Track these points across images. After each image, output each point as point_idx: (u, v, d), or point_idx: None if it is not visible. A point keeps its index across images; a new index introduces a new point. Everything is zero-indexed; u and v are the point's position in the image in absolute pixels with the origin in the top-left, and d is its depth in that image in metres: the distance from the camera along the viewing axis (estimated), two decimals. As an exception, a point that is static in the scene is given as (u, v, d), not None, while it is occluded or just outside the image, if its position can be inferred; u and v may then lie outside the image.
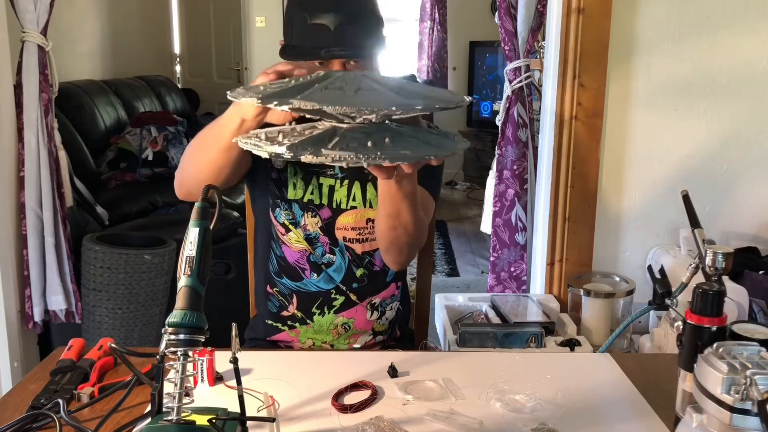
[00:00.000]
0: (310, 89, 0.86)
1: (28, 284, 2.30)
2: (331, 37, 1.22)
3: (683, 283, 1.11)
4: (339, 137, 0.84)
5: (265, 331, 1.44)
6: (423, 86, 0.99)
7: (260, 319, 1.45)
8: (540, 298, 2.04)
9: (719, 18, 1.94)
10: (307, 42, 1.25)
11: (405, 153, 0.82)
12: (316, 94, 0.84)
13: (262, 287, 1.45)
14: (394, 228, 1.26)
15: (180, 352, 0.78)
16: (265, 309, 1.43)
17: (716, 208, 2.01)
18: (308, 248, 1.38)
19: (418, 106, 0.84)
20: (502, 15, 2.24)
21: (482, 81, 6.33)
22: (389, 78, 0.96)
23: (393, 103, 0.82)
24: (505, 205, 2.33)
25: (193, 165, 1.26)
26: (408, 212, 1.23)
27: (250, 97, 0.85)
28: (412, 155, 0.83)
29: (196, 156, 1.24)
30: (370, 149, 0.82)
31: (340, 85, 0.87)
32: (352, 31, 1.23)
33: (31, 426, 0.96)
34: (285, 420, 0.98)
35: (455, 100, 0.93)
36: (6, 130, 2.22)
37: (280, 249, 1.40)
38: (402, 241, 1.30)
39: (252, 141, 0.87)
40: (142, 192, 3.54)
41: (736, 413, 0.74)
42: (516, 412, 1.02)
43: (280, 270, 1.41)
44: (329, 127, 0.88)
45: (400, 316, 1.48)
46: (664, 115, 2.00)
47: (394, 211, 1.23)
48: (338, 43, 1.22)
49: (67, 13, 3.93)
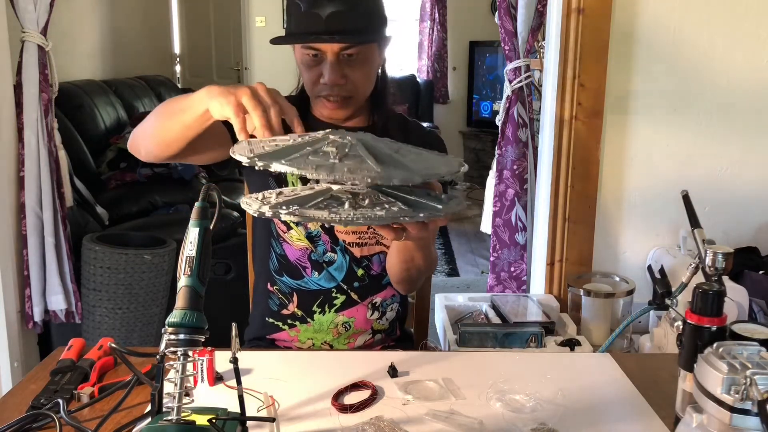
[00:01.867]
0: (299, 152, 0.90)
1: (28, 284, 2.30)
2: (322, 24, 1.24)
3: (683, 283, 1.11)
4: (322, 198, 0.89)
5: (265, 329, 1.44)
6: (418, 152, 0.99)
7: (260, 317, 1.45)
8: (540, 298, 2.04)
9: (719, 18, 1.94)
10: (299, 28, 1.28)
11: (379, 214, 0.85)
12: (299, 159, 0.88)
13: (262, 285, 1.44)
14: (407, 270, 1.31)
15: (180, 352, 0.78)
16: (266, 307, 1.43)
17: (716, 208, 2.01)
18: (309, 246, 1.38)
19: (396, 179, 0.86)
20: (502, 15, 2.24)
21: (482, 81, 6.34)
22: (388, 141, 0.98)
23: (371, 175, 0.86)
24: (505, 205, 2.33)
25: (148, 126, 1.24)
26: (421, 257, 1.27)
27: (242, 156, 0.90)
28: (386, 216, 0.85)
29: (155, 121, 1.22)
30: (345, 210, 0.85)
31: (328, 150, 0.90)
32: (343, 21, 1.24)
33: (31, 426, 0.96)
34: (285, 420, 0.98)
35: (449, 171, 0.94)
36: (6, 130, 2.22)
37: (280, 247, 1.40)
38: (414, 277, 1.35)
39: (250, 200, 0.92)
40: (142, 192, 3.53)
41: (736, 413, 0.74)
42: (516, 412, 1.02)
43: (280, 268, 1.40)
44: (324, 188, 0.93)
45: (399, 315, 1.48)
46: (663, 115, 2.00)
47: (408, 257, 1.27)
48: (329, 31, 1.24)
49: (67, 13, 3.93)
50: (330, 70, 1.27)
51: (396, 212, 0.86)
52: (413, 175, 0.89)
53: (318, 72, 1.29)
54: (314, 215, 0.84)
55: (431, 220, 0.91)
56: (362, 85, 1.33)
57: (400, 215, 0.86)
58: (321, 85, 1.30)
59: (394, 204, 0.88)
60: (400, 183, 0.87)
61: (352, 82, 1.31)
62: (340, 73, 1.28)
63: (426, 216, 0.88)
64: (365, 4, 1.29)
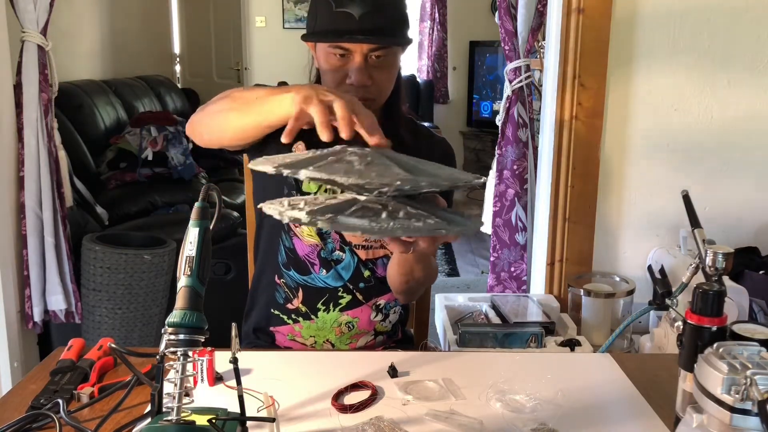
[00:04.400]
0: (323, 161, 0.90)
1: (28, 284, 2.30)
2: (355, 23, 1.23)
3: (683, 283, 1.11)
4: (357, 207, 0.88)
5: (268, 321, 1.43)
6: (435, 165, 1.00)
7: (265, 308, 1.44)
8: (540, 298, 2.04)
9: (719, 18, 1.94)
10: (331, 26, 1.26)
11: (417, 225, 0.86)
12: (327, 166, 0.88)
13: (268, 277, 1.44)
14: (406, 282, 1.32)
15: (180, 352, 0.78)
16: (272, 298, 1.43)
17: (716, 208, 2.01)
18: (320, 243, 1.38)
19: (423, 182, 0.87)
20: (502, 15, 2.24)
21: (482, 81, 6.33)
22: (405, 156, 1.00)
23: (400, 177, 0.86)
24: (505, 205, 2.33)
25: (222, 119, 1.21)
26: (421, 269, 1.28)
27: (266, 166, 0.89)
28: (424, 228, 0.86)
29: (231, 115, 1.19)
30: (384, 220, 0.85)
31: (351, 159, 0.91)
32: (376, 21, 1.23)
33: (31, 426, 0.96)
34: (285, 420, 0.98)
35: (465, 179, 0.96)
36: (6, 130, 2.22)
37: (290, 241, 1.39)
38: (413, 289, 1.37)
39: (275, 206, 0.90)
40: (141, 192, 3.53)
41: (736, 413, 0.74)
42: (516, 412, 1.02)
43: (288, 262, 1.40)
44: (349, 198, 0.92)
45: (401, 318, 1.49)
46: (663, 114, 2.00)
47: (408, 270, 1.28)
48: (362, 31, 1.23)
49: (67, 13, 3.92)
50: (357, 71, 1.26)
51: (433, 225, 0.86)
52: (439, 181, 0.90)
53: (344, 73, 1.28)
54: (354, 224, 0.84)
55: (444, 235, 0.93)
56: (386, 88, 1.32)
57: (437, 228, 0.86)
58: (346, 86, 1.28)
59: (429, 217, 0.88)
60: (428, 187, 0.88)
61: (377, 85, 1.29)
62: (367, 74, 1.26)
63: (459, 231, 0.89)
64: (394, 6, 1.28)
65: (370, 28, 1.23)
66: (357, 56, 1.25)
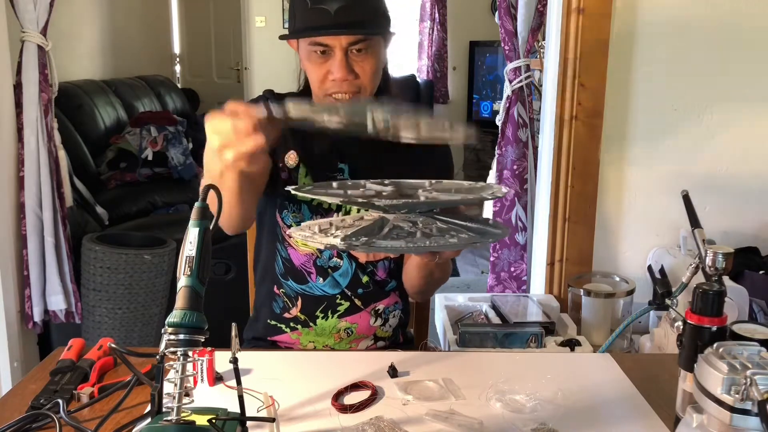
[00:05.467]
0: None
1: (28, 284, 2.30)
2: (330, 18, 1.24)
3: (683, 283, 1.11)
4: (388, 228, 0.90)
5: (267, 331, 1.43)
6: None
7: (263, 319, 1.45)
8: (540, 298, 2.04)
9: (719, 17, 1.94)
10: (308, 23, 1.27)
11: (452, 242, 0.88)
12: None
13: (267, 287, 1.44)
14: (426, 284, 1.37)
15: (180, 352, 0.78)
16: (270, 309, 1.43)
17: (716, 208, 2.01)
18: (315, 252, 1.38)
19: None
20: (502, 15, 2.24)
21: (482, 81, 6.33)
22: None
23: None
24: (505, 205, 2.33)
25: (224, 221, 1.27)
26: (440, 272, 1.33)
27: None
28: (459, 243, 0.88)
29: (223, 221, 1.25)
30: (420, 239, 0.87)
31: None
32: (351, 15, 1.25)
33: (31, 426, 0.96)
34: (285, 420, 0.98)
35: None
36: (6, 130, 2.22)
37: (285, 251, 1.39)
38: (432, 289, 1.44)
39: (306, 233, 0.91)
40: (141, 192, 3.54)
41: (736, 413, 0.74)
42: (516, 412, 1.02)
43: (285, 272, 1.40)
44: (377, 217, 0.93)
45: (402, 322, 1.48)
46: (663, 115, 2.00)
47: (428, 273, 1.32)
48: (337, 25, 1.24)
49: (67, 13, 3.92)
50: (338, 65, 1.26)
51: (467, 239, 0.87)
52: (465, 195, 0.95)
53: (326, 69, 1.28)
54: (391, 246, 0.86)
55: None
56: (370, 80, 1.32)
57: (471, 241, 0.87)
58: (330, 82, 1.28)
59: (461, 231, 0.89)
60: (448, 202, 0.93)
61: (360, 77, 1.30)
62: (348, 68, 1.27)
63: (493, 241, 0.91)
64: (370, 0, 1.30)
65: (345, 21, 1.24)
66: (337, 51, 1.26)
